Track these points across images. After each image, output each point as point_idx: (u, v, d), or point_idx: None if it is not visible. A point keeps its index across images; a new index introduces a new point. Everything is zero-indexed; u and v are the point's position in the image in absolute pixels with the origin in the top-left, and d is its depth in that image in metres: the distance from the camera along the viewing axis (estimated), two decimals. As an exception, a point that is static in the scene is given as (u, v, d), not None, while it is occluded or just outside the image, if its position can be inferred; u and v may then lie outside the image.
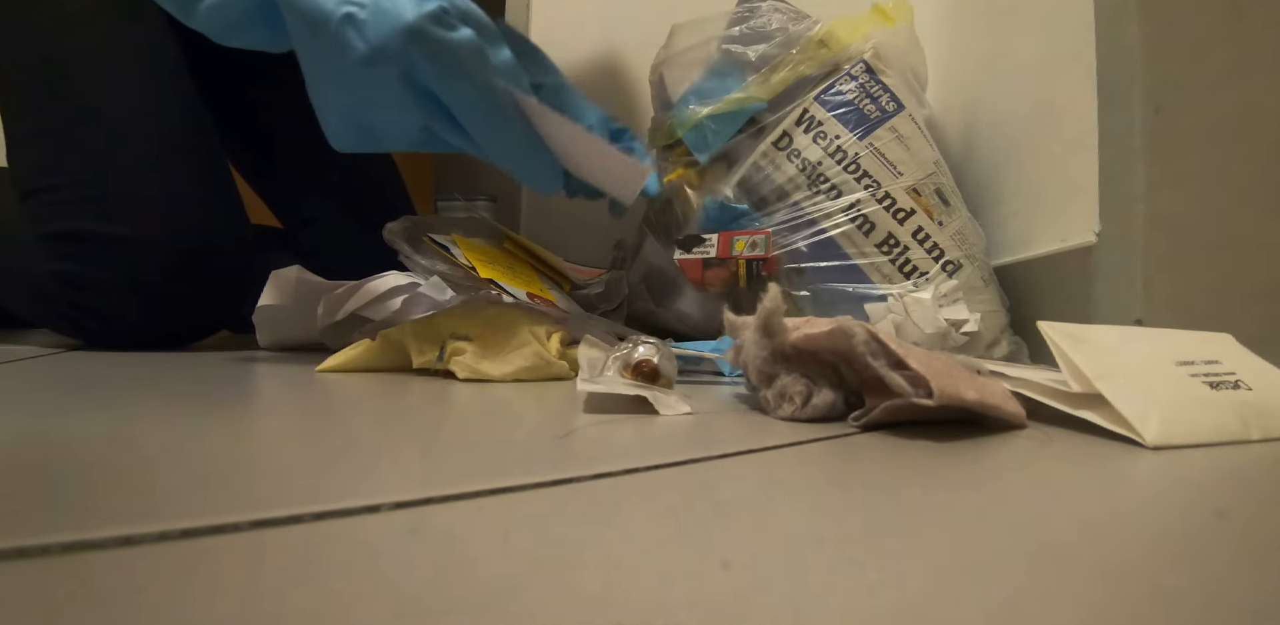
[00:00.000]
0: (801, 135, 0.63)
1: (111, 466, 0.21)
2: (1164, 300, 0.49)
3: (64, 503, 0.17)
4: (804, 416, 0.33)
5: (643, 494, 0.21)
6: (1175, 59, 0.49)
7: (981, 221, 0.68)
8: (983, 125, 0.79)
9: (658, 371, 0.37)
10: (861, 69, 0.63)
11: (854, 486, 0.23)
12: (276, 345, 0.61)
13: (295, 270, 0.56)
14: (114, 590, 0.13)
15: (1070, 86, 0.60)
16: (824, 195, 0.62)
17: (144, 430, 0.26)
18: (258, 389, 0.40)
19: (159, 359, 0.52)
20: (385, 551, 0.15)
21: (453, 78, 0.41)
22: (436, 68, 0.40)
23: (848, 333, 0.31)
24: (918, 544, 0.17)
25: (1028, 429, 0.33)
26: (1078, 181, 0.57)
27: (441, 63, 0.40)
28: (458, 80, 0.41)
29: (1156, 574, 0.16)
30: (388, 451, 0.24)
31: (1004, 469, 0.26)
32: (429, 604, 0.13)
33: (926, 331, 0.57)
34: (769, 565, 0.15)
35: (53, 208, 0.57)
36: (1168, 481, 0.25)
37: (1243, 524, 0.20)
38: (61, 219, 0.57)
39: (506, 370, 0.44)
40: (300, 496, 0.18)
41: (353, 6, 0.39)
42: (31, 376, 0.42)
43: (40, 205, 0.57)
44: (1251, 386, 0.34)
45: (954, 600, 0.14)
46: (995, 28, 0.79)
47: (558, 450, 0.26)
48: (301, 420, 0.31)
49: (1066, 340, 0.34)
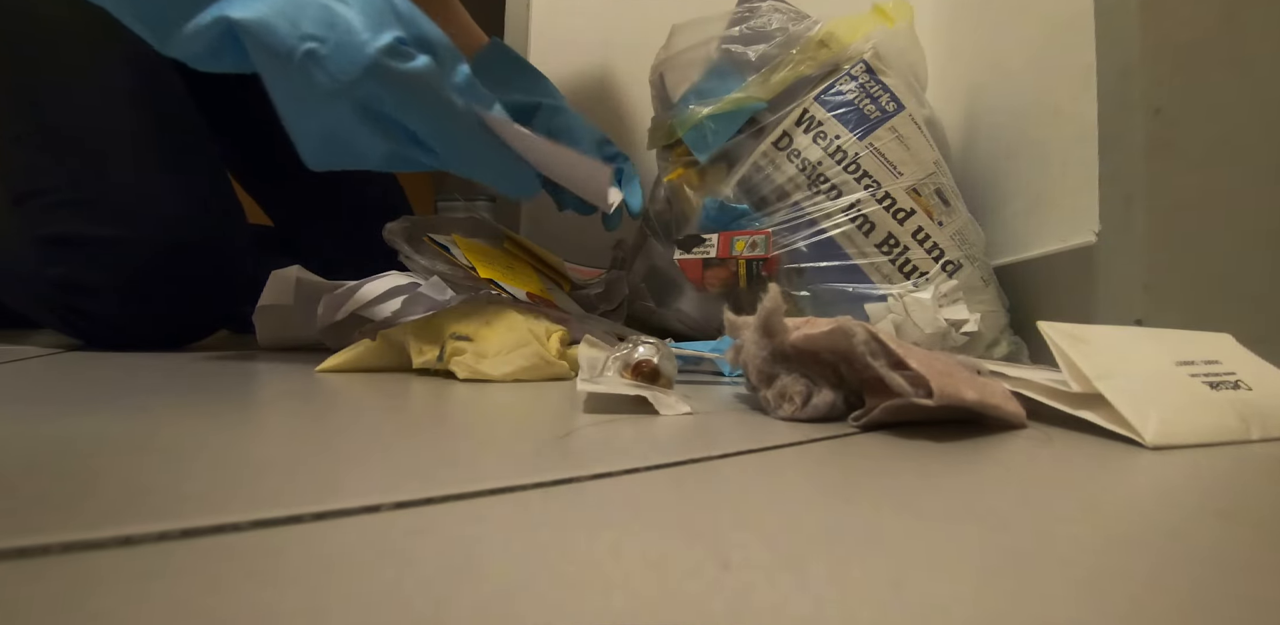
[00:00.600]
0: (801, 135, 0.63)
1: (111, 466, 0.21)
2: (1164, 300, 0.49)
3: (64, 503, 0.17)
4: (804, 416, 0.33)
5: (643, 494, 0.21)
6: (1175, 59, 0.49)
7: (981, 221, 0.68)
8: (983, 125, 0.79)
9: (658, 371, 0.37)
10: (861, 69, 0.63)
11: (854, 486, 0.23)
12: (276, 345, 0.61)
13: (295, 270, 0.56)
14: (114, 590, 0.13)
15: (1070, 86, 0.60)
16: (824, 195, 0.62)
17: (144, 430, 0.26)
18: (258, 389, 0.40)
19: (159, 359, 0.52)
20: (385, 551, 0.15)
21: (412, 105, 0.42)
22: (395, 98, 0.41)
23: (848, 333, 0.31)
24: (918, 544, 0.17)
25: (1028, 429, 0.32)
26: (1078, 181, 0.57)
27: (400, 93, 0.41)
28: (418, 107, 0.42)
29: (1157, 574, 0.16)
30: (388, 451, 0.24)
31: (1004, 469, 0.26)
32: (429, 604, 0.13)
33: (926, 331, 0.57)
34: (769, 565, 0.15)
35: (44, 212, 0.57)
36: (1168, 481, 0.25)
37: (1243, 524, 0.20)
38: (53, 223, 0.56)
39: (506, 370, 0.44)
40: (300, 496, 0.18)
41: (314, 42, 0.40)
42: (32, 376, 0.42)
43: (32, 210, 0.57)
44: (1251, 386, 0.34)
45: (954, 600, 0.14)
46: (995, 28, 0.79)
47: (558, 450, 0.26)
48: (301, 420, 0.31)
49: (1066, 340, 0.34)
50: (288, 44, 0.40)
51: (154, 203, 0.57)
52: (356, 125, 0.42)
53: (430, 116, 0.43)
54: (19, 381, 0.40)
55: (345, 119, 0.42)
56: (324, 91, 0.41)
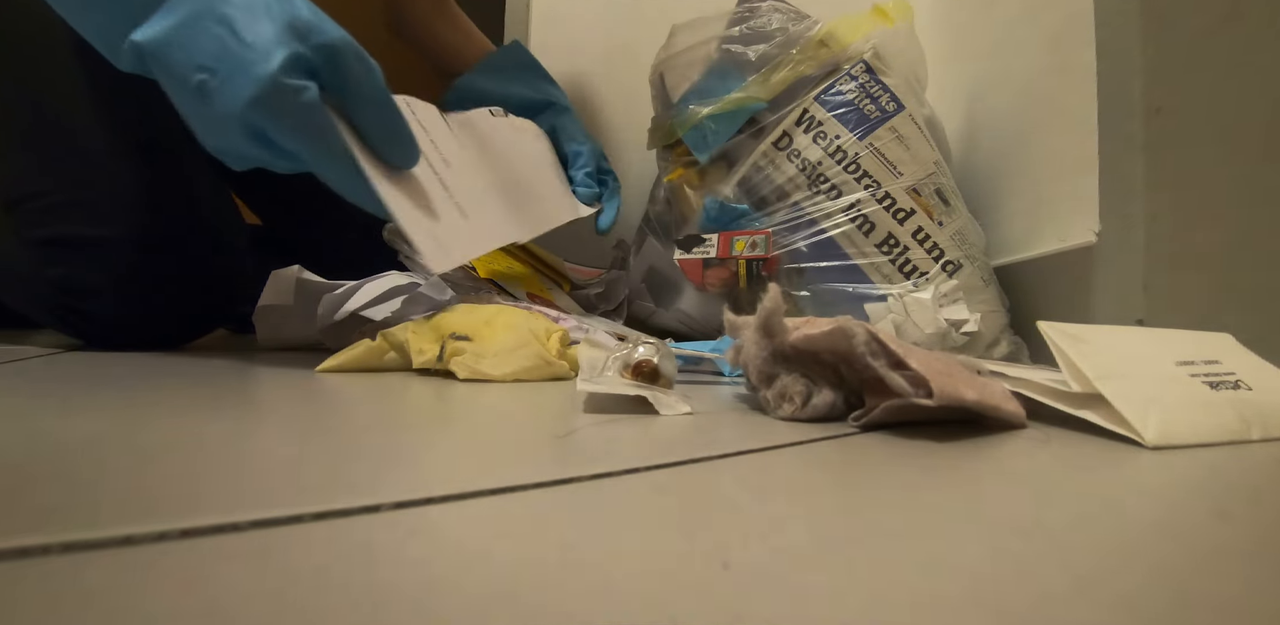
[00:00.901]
0: (801, 135, 0.63)
1: (111, 466, 0.21)
2: (1164, 300, 0.49)
3: (64, 503, 0.17)
4: (804, 416, 0.33)
5: (643, 494, 0.21)
6: (1175, 59, 0.49)
7: (981, 221, 0.68)
8: (983, 125, 0.79)
9: (658, 371, 0.37)
10: (862, 69, 0.63)
11: (854, 486, 0.23)
12: (276, 345, 0.60)
13: (295, 270, 0.56)
14: (114, 590, 0.13)
15: (1070, 86, 0.60)
16: (824, 195, 0.62)
17: (144, 430, 0.26)
18: (258, 389, 0.40)
19: (159, 359, 0.52)
20: (385, 551, 0.15)
21: (292, 134, 0.41)
22: (277, 128, 0.41)
23: (848, 333, 0.31)
24: (918, 544, 0.17)
25: (1028, 429, 0.32)
26: (1078, 181, 0.57)
27: (282, 125, 0.41)
28: (297, 136, 0.41)
29: (1157, 574, 0.16)
30: (388, 451, 0.24)
31: (1004, 469, 0.26)
32: (429, 604, 0.13)
33: (926, 331, 0.57)
34: (769, 565, 0.15)
35: (38, 213, 0.57)
36: (1168, 481, 0.25)
37: (1243, 524, 0.20)
38: (47, 224, 0.56)
39: (506, 370, 0.44)
40: (300, 496, 0.18)
41: (204, 74, 0.40)
42: (31, 376, 0.42)
43: (26, 211, 0.57)
44: (1251, 386, 0.34)
45: (954, 600, 0.14)
46: (995, 28, 0.79)
47: (558, 450, 0.26)
48: (301, 420, 0.31)
49: (1066, 340, 0.34)
50: (181, 73, 0.40)
51: (148, 204, 0.57)
52: (251, 147, 0.43)
53: (309, 146, 0.42)
54: (19, 381, 0.40)
55: (240, 142, 0.42)
56: (216, 119, 0.41)
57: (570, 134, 0.75)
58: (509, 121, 0.69)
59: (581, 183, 0.73)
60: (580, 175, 0.73)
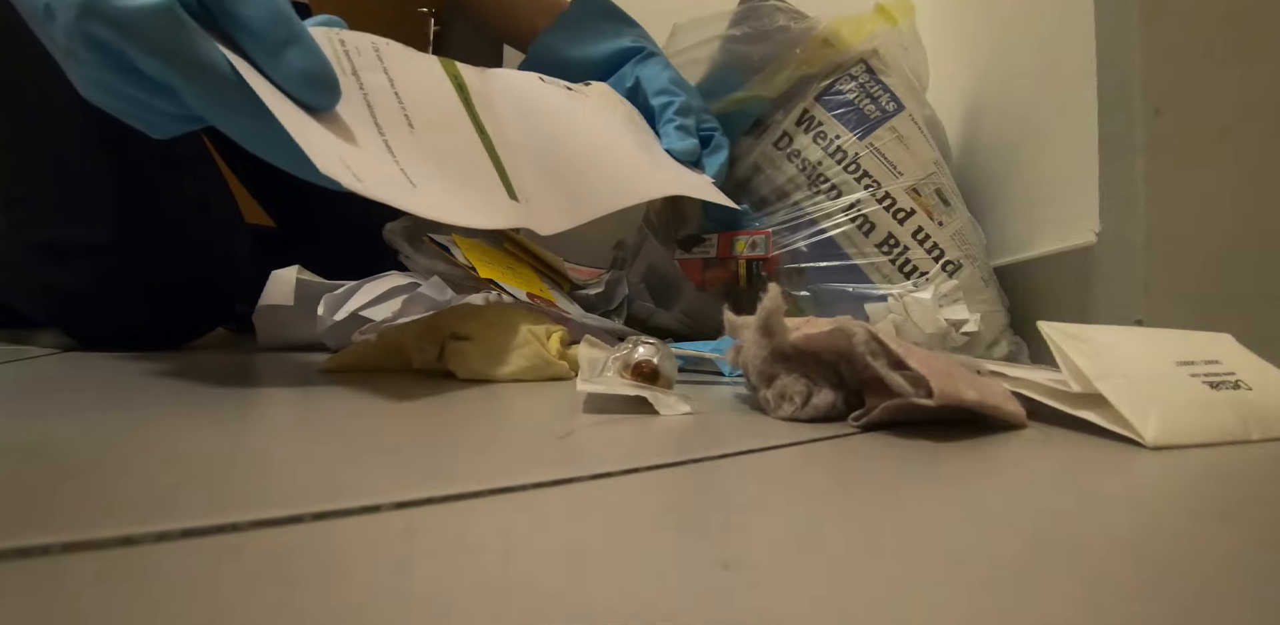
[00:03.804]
0: (801, 135, 0.63)
1: (111, 466, 0.21)
2: (1164, 300, 0.49)
3: (64, 503, 0.17)
4: (804, 416, 0.33)
5: (643, 494, 0.21)
6: (1175, 59, 0.49)
7: (981, 221, 0.68)
8: (983, 125, 0.79)
9: (658, 372, 0.37)
10: (862, 69, 0.63)
11: (854, 487, 0.23)
12: (276, 345, 0.60)
13: (295, 270, 0.56)
14: (114, 590, 0.13)
15: (1070, 86, 0.60)
16: (824, 195, 0.62)
17: (144, 430, 0.26)
18: (258, 389, 0.40)
19: (159, 359, 0.52)
20: (385, 551, 0.15)
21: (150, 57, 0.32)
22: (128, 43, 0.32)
23: (848, 333, 0.31)
24: (917, 544, 0.17)
25: (1028, 429, 0.32)
26: (1078, 181, 0.57)
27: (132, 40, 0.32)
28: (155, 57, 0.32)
29: (1157, 574, 0.16)
30: (388, 451, 0.24)
31: (1004, 469, 0.26)
32: (429, 604, 0.13)
33: (926, 331, 0.57)
34: (769, 565, 0.15)
35: (31, 216, 0.56)
36: (1168, 482, 0.25)
37: (1243, 524, 0.20)
38: (40, 227, 0.56)
39: (506, 370, 0.44)
40: (300, 496, 0.18)
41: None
42: (31, 376, 0.42)
43: (19, 214, 0.57)
44: (1251, 386, 0.34)
45: (953, 600, 0.14)
46: (995, 28, 0.79)
47: (558, 450, 0.26)
48: (301, 420, 0.31)
49: (1066, 340, 0.34)
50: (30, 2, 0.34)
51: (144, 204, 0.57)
52: (122, 83, 0.34)
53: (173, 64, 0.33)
54: (19, 381, 0.40)
55: (106, 76, 0.34)
56: (63, 46, 0.33)
57: (655, 84, 0.63)
58: (568, 92, 0.57)
59: (674, 138, 0.60)
60: (670, 129, 0.61)
